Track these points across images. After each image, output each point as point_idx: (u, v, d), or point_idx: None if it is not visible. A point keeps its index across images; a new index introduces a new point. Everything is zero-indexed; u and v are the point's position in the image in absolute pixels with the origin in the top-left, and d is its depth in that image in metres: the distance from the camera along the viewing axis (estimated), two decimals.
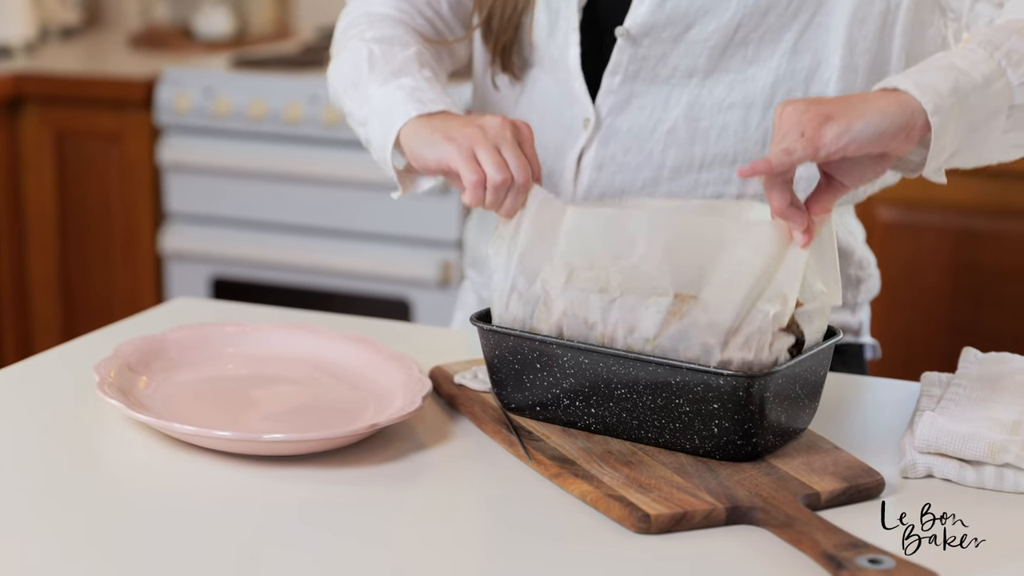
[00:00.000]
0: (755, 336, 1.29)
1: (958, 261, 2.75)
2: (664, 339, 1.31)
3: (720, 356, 1.29)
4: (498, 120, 1.43)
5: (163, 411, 1.37)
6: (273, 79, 3.18)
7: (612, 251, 1.33)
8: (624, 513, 1.19)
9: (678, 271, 1.31)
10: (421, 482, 1.30)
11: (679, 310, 1.30)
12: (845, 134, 1.28)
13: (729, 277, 1.30)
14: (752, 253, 1.29)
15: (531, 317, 1.37)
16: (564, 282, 1.35)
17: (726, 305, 1.29)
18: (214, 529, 1.19)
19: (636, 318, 1.32)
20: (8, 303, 3.37)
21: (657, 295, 1.32)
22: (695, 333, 1.30)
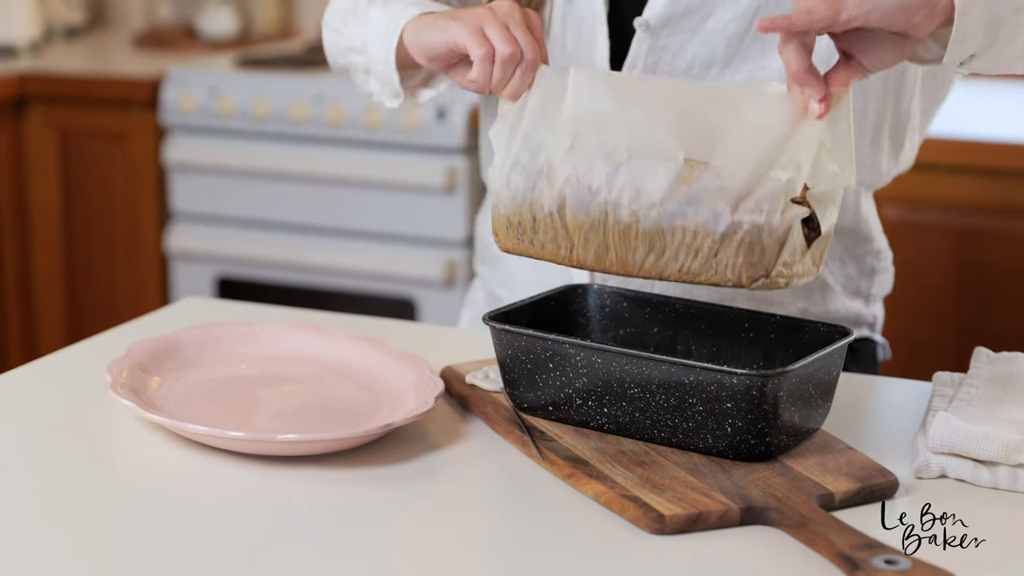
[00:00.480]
0: (766, 200, 1.27)
1: (962, 260, 2.75)
2: (672, 204, 1.29)
3: (730, 218, 1.27)
4: (507, 2, 1.41)
5: (176, 411, 1.37)
6: (278, 79, 3.18)
7: (620, 113, 1.31)
8: (639, 513, 1.19)
9: (689, 136, 1.29)
10: (434, 482, 1.30)
11: (689, 176, 1.29)
12: (867, 1, 1.26)
13: (741, 143, 1.28)
14: (766, 120, 1.28)
15: (532, 189, 1.36)
16: (568, 148, 1.33)
17: (737, 170, 1.27)
18: (225, 529, 1.19)
19: (643, 183, 1.30)
20: (13, 302, 3.36)
21: (667, 159, 1.30)
22: (705, 197, 1.28)
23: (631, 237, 1.32)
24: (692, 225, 1.29)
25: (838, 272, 1.67)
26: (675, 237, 1.30)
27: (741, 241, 1.28)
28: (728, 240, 1.28)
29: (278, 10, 3.78)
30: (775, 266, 1.29)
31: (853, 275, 1.70)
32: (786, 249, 1.28)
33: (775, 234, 1.27)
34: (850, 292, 1.70)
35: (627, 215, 1.31)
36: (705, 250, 1.29)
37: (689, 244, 1.30)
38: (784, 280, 1.30)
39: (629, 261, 1.33)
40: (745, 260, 1.28)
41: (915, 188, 2.66)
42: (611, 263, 1.34)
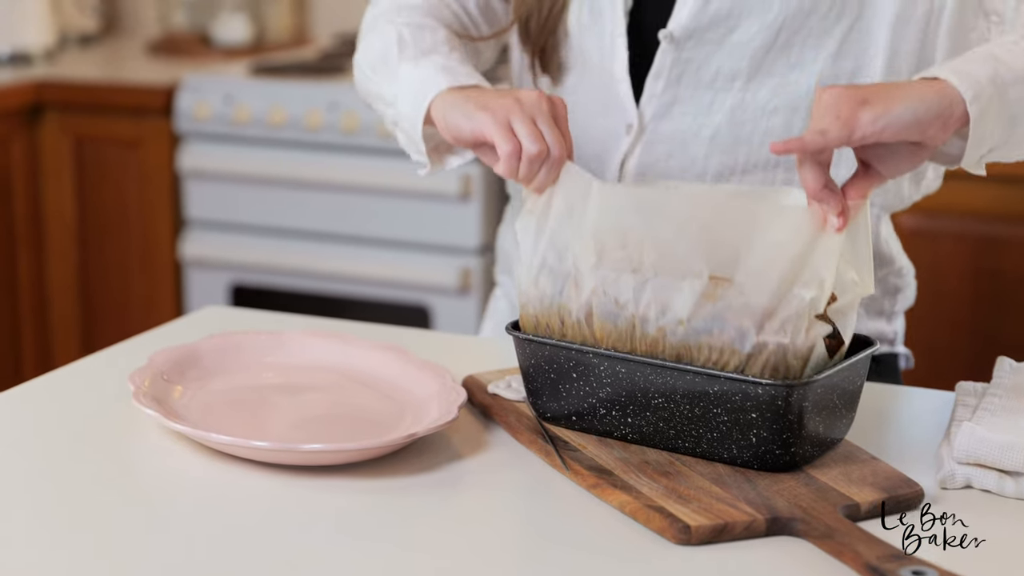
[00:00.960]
0: (791, 320, 1.27)
1: (979, 267, 2.74)
2: (698, 321, 1.30)
3: (756, 339, 1.28)
4: (535, 93, 1.41)
5: (199, 420, 1.37)
6: (293, 86, 3.18)
7: (645, 229, 1.32)
8: (665, 524, 1.19)
9: (712, 252, 1.30)
10: (458, 492, 1.30)
11: (713, 293, 1.29)
12: (881, 118, 1.27)
13: (764, 260, 1.28)
14: (787, 236, 1.28)
15: (560, 294, 1.36)
16: (595, 261, 1.34)
17: (761, 288, 1.28)
18: (255, 538, 1.19)
19: (669, 299, 1.31)
20: (27, 310, 3.37)
21: (692, 276, 1.30)
22: (730, 316, 1.29)
23: (658, 351, 1.33)
24: (718, 343, 1.30)
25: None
26: (701, 353, 1.31)
27: (767, 361, 1.29)
28: (754, 359, 1.29)
29: (292, 18, 3.78)
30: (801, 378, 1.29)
31: (877, 297, 1.70)
32: (810, 364, 1.29)
33: (799, 353, 1.28)
34: (873, 313, 1.70)
35: (654, 330, 1.32)
36: (731, 368, 1.30)
37: (716, 361, 1.30)
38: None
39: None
40: (771, 376, 1.29)
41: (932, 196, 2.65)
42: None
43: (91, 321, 3.40)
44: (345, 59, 3.41)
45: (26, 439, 1.39)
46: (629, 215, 1.33)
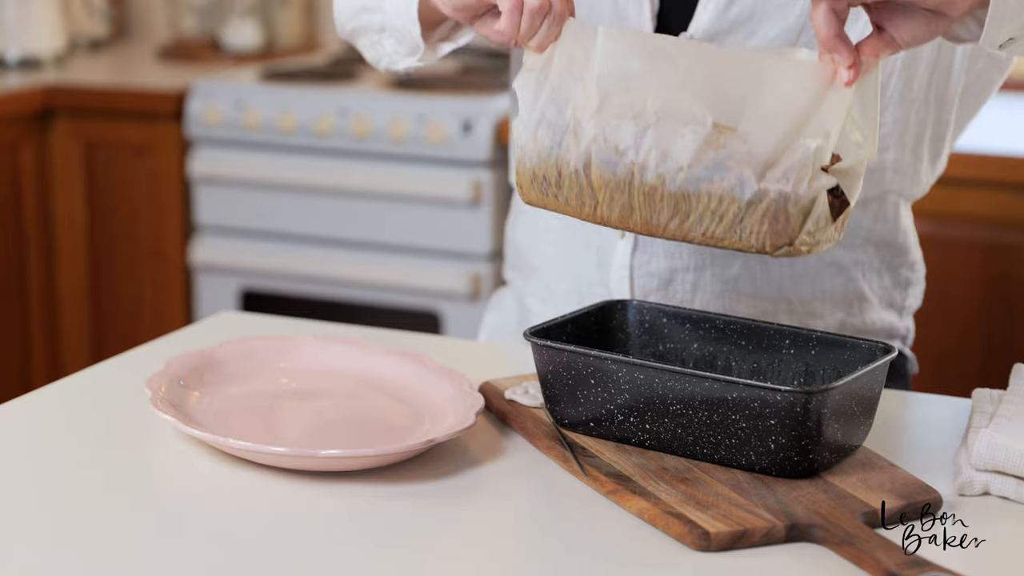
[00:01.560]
0: (794, 169, 1.27)
1: (989, 274, 2.74)
2: (699, 168, 1.29)
3: (757, 187, 1.27)
4: None
5: (216, 426, 1.37)
6: (304, 91, 3.18)
7: (650, 75, 1.31)
8: (684, 530, 1.19)
9: (718, 101, 1.29)
10: (476, 498, 1.30)
11: (716, 140, 1.29)
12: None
13: (770, 110, 1.28)
14: (795, 88, 1.27)
15: (559, 145, 1.35)
16: (597, 107, 1.33)
17: (766, 137, 1.27)
18: (271, 544, 1.19)
19: (670, 145, 1.30)
20: (37, 314, 3.37)
21: (695, 123, 1.29)
22: (732, 163, 1.28)
23: (656, 199, 1.32)
24: (718, 191, 1.29)
25: (875, 284, 1.67)
26: (700, 202, 1.30)
27: (767, 209, 1.28)
28: (753, 208, 1.28)
29: (302, 23, 3.78)
30: (799, 235, 1.29)
31: (889, 287, 1.70)
32: (811, 218, 1.28)
33: (801, 203, 1.27)
34: (885, 304, 1.70)
35: (653, 177, 1.31)
36: (730, 216, 1.29)
37: (714, 210, 1.30)
38: (807, 248, 1.30)
39: (653, 222, 1.33)
40: (770, 228, 1.28)
41: (943, 202, 2.66)
42: (635, 223, 1.34)
43: (101, 326, 3.40)
44: (354, 64, 3.41)
45: (42, 444, 1.39)
46: (634, 60, 1.32)
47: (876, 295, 1.68)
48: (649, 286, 1.63)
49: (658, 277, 1.63)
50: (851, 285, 1.65)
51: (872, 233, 1.64)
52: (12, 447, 1.39)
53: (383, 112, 3.09)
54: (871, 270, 1.67)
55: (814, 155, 1.27)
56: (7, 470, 1.33)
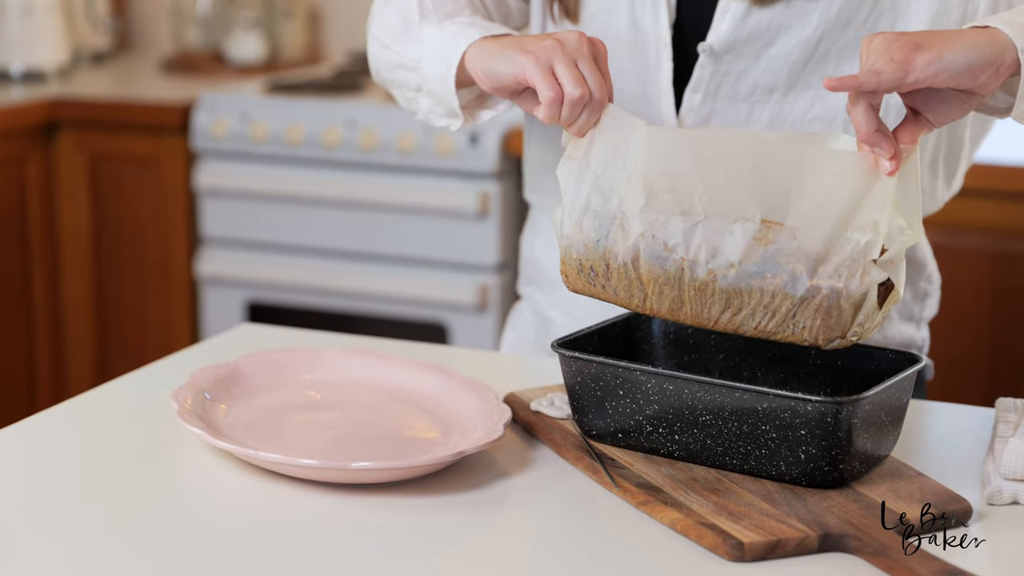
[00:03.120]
0: (845, 265, 1.28)
1: (999, 284, 2.75)
2: (750, 264, 1.30)
3: (809, 283, 1.28)
4: (575, 35, 1.40)
5: (243, 438, 1.37)
6: (310, 104, 3.19)
7: (696, 173, 1.32)
8: (717, 541, 1.19)
9: (763, 195, 1.30)
10: (506, 509, 1.30)
11: (765, 236, 1.30)
12: (936, 62, 1.28)
13: (816, 204, 1.29)
14: (839, 180, 1.29)
15: (606, 238, 1.36)
16: (643, 204, 1.34)
17: (814, 232, 1.29)
18: (303, 557, 1.19)
19: (720, 242, 1.31)
20: (43, 328, 3.37)
21: (743, 219, 1.31)
22: (782, 259, 1.29)
23: (707, 295, 1.33)
24: (771, 287, 1.30)
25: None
26: (752, 297, 1.31)
27: (819, 305, 1.29)
28: (806, 304, 1.29)
29: (306, 35, 3.79)
30: (851, 327, 1.30)
31: (908, 300, 1.70)
32: (862, 312, 1.29)
33: (853, 298, 1.29)
34: (904, 317, 1.71)
35: (704, 273, 1.32)
36: (783, 312, 1.30)
37: (767, 305, 1.31)
38: (857, 337, 1.31)
39: (704, 316, 1.34)
40: (823, 323, 1.30)
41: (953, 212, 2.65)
42: (686, 316, 1.35)
43: (107, 339, 3.40)
44: (360, 76, 3.41)
45: (67, 461, 1.39)
46: (679, 159, 1.33)
47: (896, 310, 1.68)
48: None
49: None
50: None
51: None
52: (42, 460, 1.38)
53: (390, 124, 3.09)
54: None
55: (864, 250, 1.28)
56: (39, 482, 1.33)
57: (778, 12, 1.54)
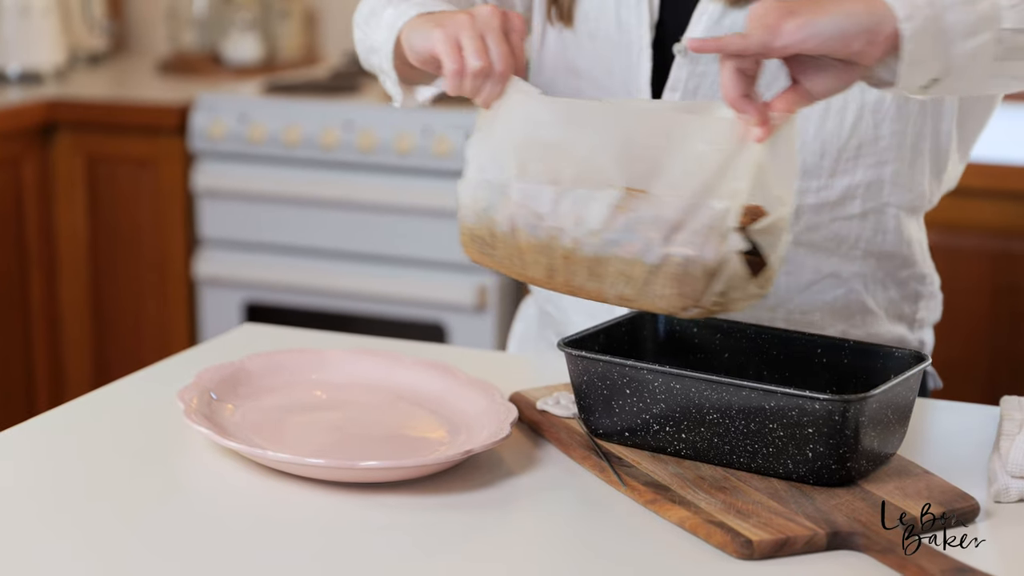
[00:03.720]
0: (700, 232, 1.28)
1: (997, 284, 2.75)
2: (610, 232, 1.31)
3: (661, 251, 1.29)
4: (488, 8, 1.41)
5: (251, 438, 1.37)
6: (307, 104, 3.19)
7: (566, 143, 1.33)
8: (726, 539, 1.19)
9: (632, 164, 1.30)
10: (514, 509, 1.30)
11: (626, 204, 1.30)
12: (805, 27, 1.26)
13: (683, 171, 1.29)
14: (710, 148, 1.28)
15: (492, 207, 1.38)
16: (516, 173, 1.35)
17: (674, 199, 1.29)
18: (313, 556, 1.19)
19: (585, 210, 1.32)
20: (40, 329, 3.37)
21: (607, 188, 1.31)
22: (640, 227, 1.30)
23: (574, 262, 1.34)
24: (627, 255, 1.31)
25: (880, 296, 1.67)
26: (612, 265, 1.32)
27: (672, 274, 1.29)
28: (659, 271, 1.30)
29: (302, 36, 3.78)
30: (705, 296, 1.29)
31: (896, 299, 1.69)
32: (719, 280, 1.29)
33: (706, 267, 1.28)
34: (893, 316, 1.69)
35: (570, 241, 1.33)
36: (639, 279, 1.31)
37: (625, 272, 1.31)
38: (720, 307, 1.30)
39: (574, 284, 1.35)
40: (677, 291, 1.30)
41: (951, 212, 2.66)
42: (558, 284, 1.36)
43: (104, 341, 3.40)
44: (357, 77, 3.41)
45: (73, 461, 1.38)
46: (550, 127, 1.34)
47: (882, 308, 1.67)
48: None
49: None
50: (852, 296, 1.64)
51: (872, 245, 1.64)
52: (48, 460, 1.38)
53: (388, 125, 3.09)
54: (874, 282, 1.66)
55: (721, 217, 1.28)
56: (46, 483, 1.33)
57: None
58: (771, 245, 1.30)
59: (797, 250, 1.61)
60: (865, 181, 1.58)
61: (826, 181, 1.59)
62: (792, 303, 1.63)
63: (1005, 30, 1.32)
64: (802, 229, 1.60)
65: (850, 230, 1.62)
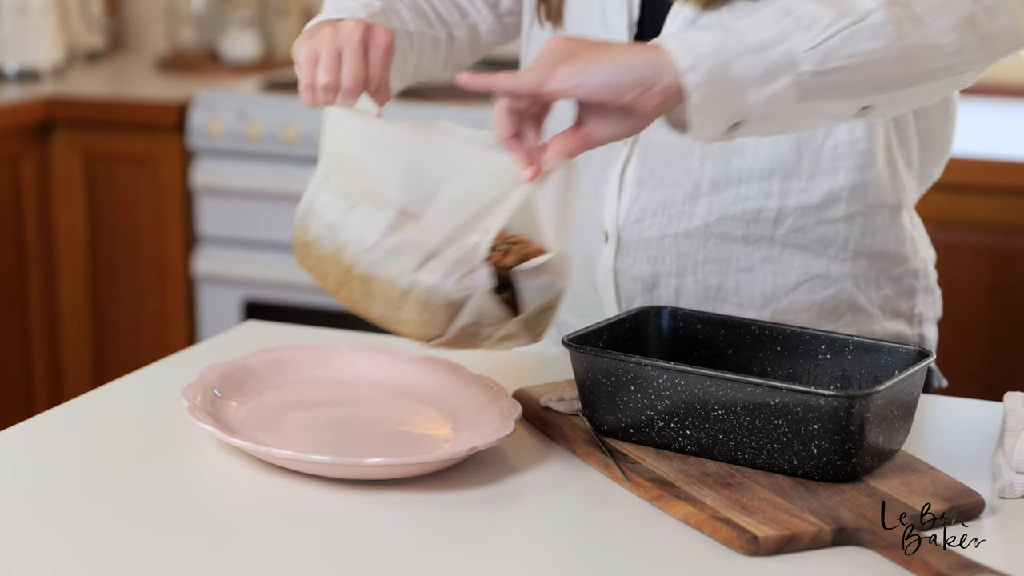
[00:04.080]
0: (449, 263, 1.28)
1: (995, 280, 2.76)
2: (377, 252, 1.32)
3: (412, 276, 1.30)
4: (351, 23, 1.43)
5: (255, 435, 1.37)
6: None
7: (360, 159, 1.34)
8: (732, 535, 1.19)
9: (413, 189, 1.31)
10: (520, 505, 1.30)
11: (399, 226, 1.31)
12: (576, 75, 1.25)
13: (455, 201, 1.29)
14: (489, 181, 1.29)
15: (308, 215, 1.40)
16: (320, 183, 1.37)
17: (439, 227, 1.30)
18: (318, 553, 1.19)
19: (365, 228, 1.33)
20: (38, 327, 3.36)
21: (386, 208, 1.32)
22: (402, 251, 1.31)
23: (352, 278, 1.35)
24: (387, 276, 1.32)
25: (873, 294, 1.66)
26: (376, 285, 1.33)
27: (417, 300, 1.30)
28: (407, 296, 1.31)
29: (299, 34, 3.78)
30: (450, 328, 1.30)
31: (891, 296, 1.68)
32: (464, 314, 1.29)
33: (449, 299, 1.29)
34: (889, 314, 1.68)
35: (350, 257, 1.35)
36: (394, 302, 1.32)
37: (385, 294, 1.32)
38: (472, 343, 1.31)
39: (354, 299, 1.36)
40: (420, 319, 1.31)
41: (948, 208, 2.67)
42: (344, 298, 1.38)
43: (103, 338, 3.39)
44: None
45: (75, 459, 1.38)
46: (351, 144, 1.35)
47: (876, 306, 1.67)
48: (634, 290, 1.64)
49: (642, 281, 1.64)
50: (843, 296, 1.64)
51: (861, 246, 1.64)
52: (49, 459, 1.38)
53: None
54: (866, 281, 1.65)
55: (472, 251, 1.28)
56: (47, 481, 1.33)
57: (726, 17, 1.53)
58: (539, 288, 1.30)
59: (783, 251, 1.61)
60: (848, 184, 1.58)
61: (806, 183, 1.59)
62: (780, 303, 1.62)
63: (804, 73, 1.30)
64: (787, 231, 1.60)
65: (837, 232, 1.61)
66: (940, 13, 1.34)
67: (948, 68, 1.37)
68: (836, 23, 1.30)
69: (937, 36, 1.34)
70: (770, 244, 1.61)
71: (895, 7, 1.33)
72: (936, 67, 1.36)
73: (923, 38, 1.33)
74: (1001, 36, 1.39)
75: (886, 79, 1.34)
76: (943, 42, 1.34)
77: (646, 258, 1.63)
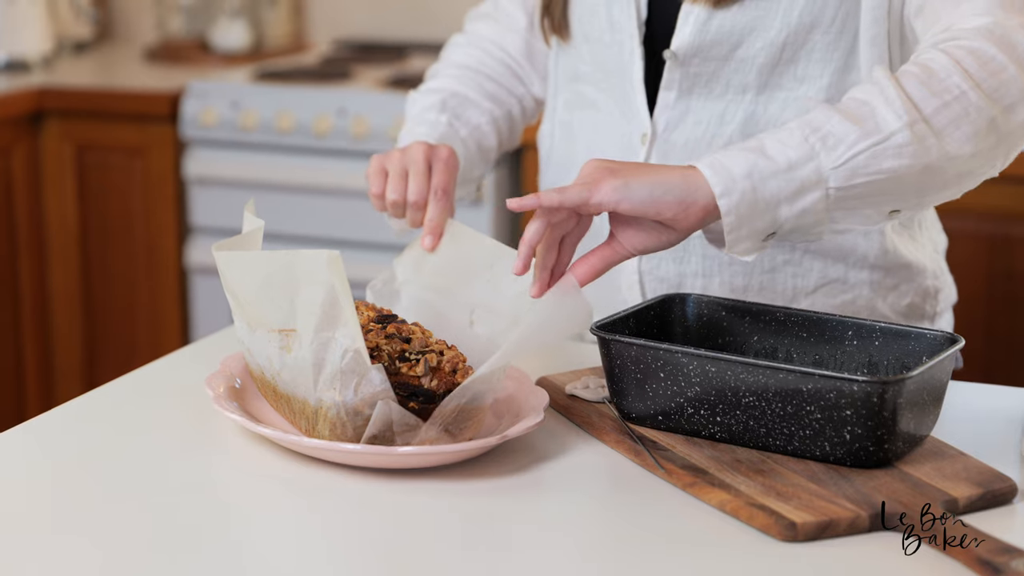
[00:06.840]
0: (337, 375, 1.28)
1: (993, 268, 2.76)
2: (286, 373, 1.32)
3: (316, 395, 1.29)
4: (419, 146, 1.57)
5: (280, 423, 1.36)
6: (300, 91, 3.17)
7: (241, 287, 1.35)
8: (769, 521, 1.19)
9: (274, 306, 1.31)
10: (552, 493, 1.29)
11: (288, 344, 1.31)
12: (620, 190, 1.32)
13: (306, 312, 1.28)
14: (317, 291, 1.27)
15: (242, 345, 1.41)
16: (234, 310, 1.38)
17: (304, 338, 1.29)
18: (349, 541, 1.19)
19: (267, 351, 1.34)
20: (29, 318, 3.34)
21: (270, 329, 1.33)
22: (299, 367, 1.30)
23: (279, 396, 1.36)
24: (300, 395, 1.32)
25: (892, 299, 1.68)
26: (295, 404, 1.33)
27: (327, 416, 1.30)
28: (319, 414, 1.30)
29: (290, 23, 3.77)
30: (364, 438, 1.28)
31: (917, 303, 1.70)
32: (372, 425, 1.27)
33: (355, 408, 1.28)
34: (916, 317, 1.71)
35: (270, 378, 1.35)
36: (311, 419, 1.32)
37: (302, 411, 1.33)
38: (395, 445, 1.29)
39: (294, 419, 1.36)
40: (334, 433, 1.29)
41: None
42: (287, 418, 1.37)
43: (94, 329, 3.37)
44: (348, 64, 3.40)
45: (96, 453, 1.37)
46: (234, 275, 1.35)
47: (894, 310, 1.68)
48: (660, 290, 1.65)
49: (667, 282, 1.65)
50: (861, 302, 1.66)
51: (880, 260, 1.65)
52: (63, 453, 1.37)
53: (381, 111, 3.07)
54: (884, 288, 1.66)
55: (353, 359, 1.27)
56: (64, 475, 1.32)
57: (739, 15, 1.55)
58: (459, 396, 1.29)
59: (804, 256, 1.62)
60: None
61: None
62: (799, 305, 1.64)
63: (831, 188, 1.36)
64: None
65: (856, 244, 1.64)
66: (961, 123, 1.38)
67: (969, 172, 1.42)
68: (860, 142, 1.36)
69: (957, 147, 1.38)
70: (791, 248, 1.62)
71: (918, 126, 1.37)
72: (958, 173, 1.41)
73: (944, 151, 1.38)
74: (1018, 131, 1.43)
75: (910, 190, 1.39)
76: (963, 151, 1.39)
77: (671, 259, 1.64)
